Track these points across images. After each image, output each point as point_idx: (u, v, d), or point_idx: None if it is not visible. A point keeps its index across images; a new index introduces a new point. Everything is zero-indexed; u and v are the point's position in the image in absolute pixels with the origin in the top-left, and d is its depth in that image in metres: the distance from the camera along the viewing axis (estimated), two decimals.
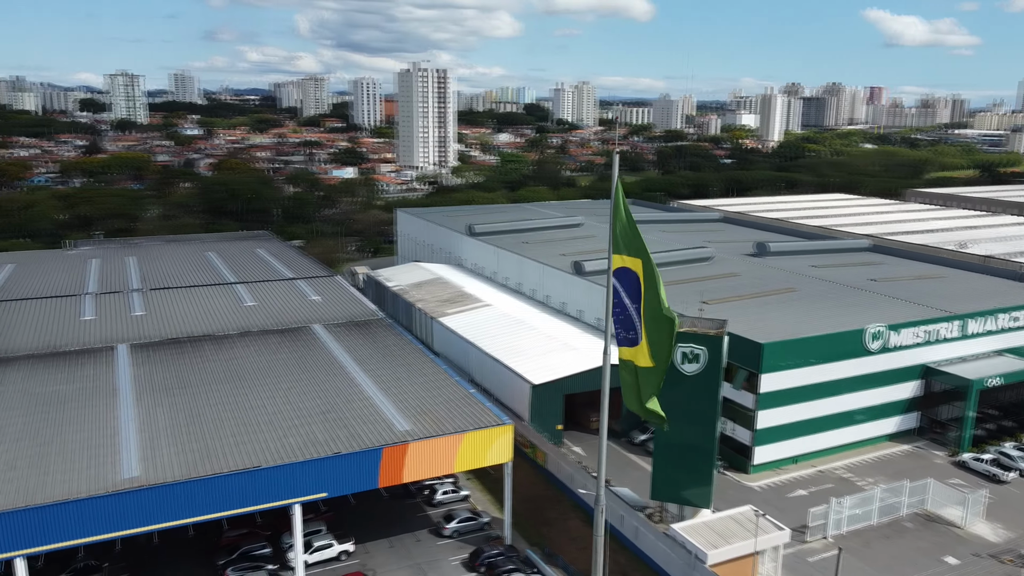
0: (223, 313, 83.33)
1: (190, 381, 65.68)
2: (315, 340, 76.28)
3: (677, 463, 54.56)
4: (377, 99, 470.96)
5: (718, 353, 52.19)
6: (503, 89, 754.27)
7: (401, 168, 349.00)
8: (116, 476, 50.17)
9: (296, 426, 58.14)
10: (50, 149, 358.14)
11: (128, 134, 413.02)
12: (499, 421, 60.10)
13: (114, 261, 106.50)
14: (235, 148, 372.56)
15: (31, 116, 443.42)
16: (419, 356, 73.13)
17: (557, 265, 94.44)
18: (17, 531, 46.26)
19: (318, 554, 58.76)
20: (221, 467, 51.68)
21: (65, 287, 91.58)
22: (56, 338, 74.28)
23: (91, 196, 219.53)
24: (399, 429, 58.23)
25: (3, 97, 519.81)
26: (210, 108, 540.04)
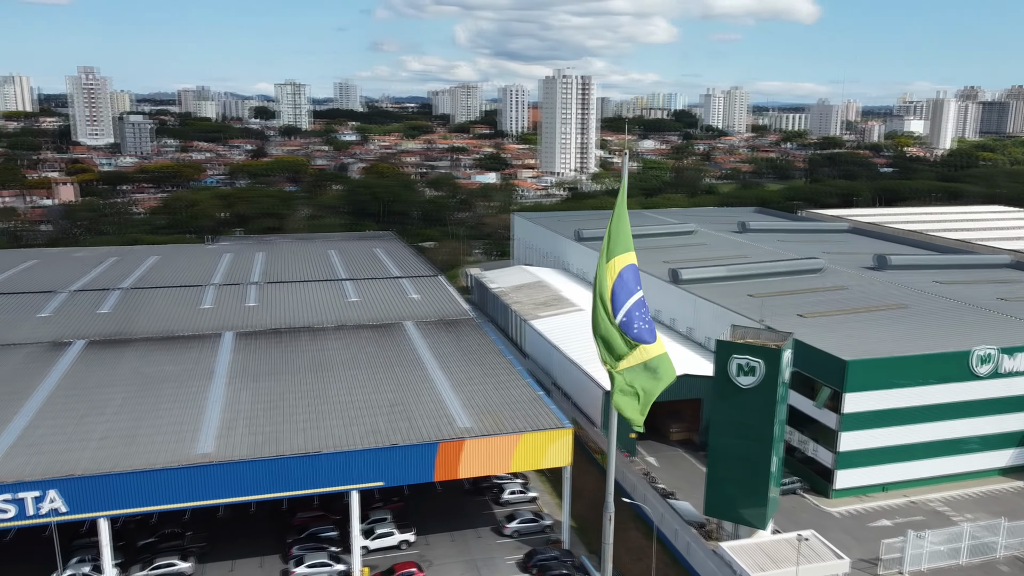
0: (326, 307, 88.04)
1: (279, 369, 70.04)
2: (403, 336, 79.14)
3: (731, 480, 52.52)
4: (524, 106, 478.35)
5: (776, 367, 49.81)
6: (653, 95, 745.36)
7: (541, 174, 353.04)
8: (191, 451, 54.49)
9: (363, 416, 60.76)
10: (223, 153, 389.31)
11: (292, 139, 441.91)
12: (559, 424, 60.16)
13: (244, 256, 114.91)
14: (386, 153, 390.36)
15: (211, 123, 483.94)
16: (497, 357, 74.25)
17: (654, 272, 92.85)
18: (101, 494, 51.30)
19: (379, 541, 61.11)
20: (284, 450, 54.95)
21: (195, 278, 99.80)
22: (174, 324, 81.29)
23: (247, 196, 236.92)
24: (459, 426, 59.55)
25: (189, 105, 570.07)
26: (369, 115, 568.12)
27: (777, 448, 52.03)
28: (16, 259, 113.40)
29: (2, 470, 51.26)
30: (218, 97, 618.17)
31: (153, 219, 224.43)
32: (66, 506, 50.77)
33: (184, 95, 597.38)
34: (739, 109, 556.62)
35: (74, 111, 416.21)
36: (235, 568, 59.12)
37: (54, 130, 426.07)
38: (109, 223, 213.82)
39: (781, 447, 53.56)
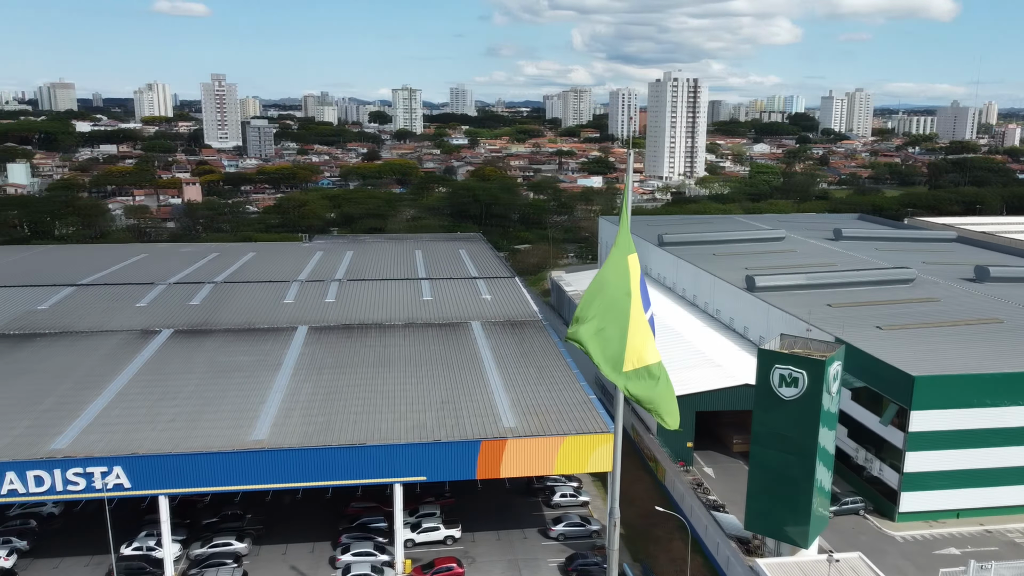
0: (399, 305, 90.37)
1: (343, 362, 72.52)
2: (467, 335, 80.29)
3: (772, 494, 50.55)
4: (634, 110, 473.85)
5: (819, 378, 47.62)
6: (771, 98, 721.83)
7: (646, 178, 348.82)
8: (246, 437, 57.32)
9: (413, 412, 62.13)
10: (339, 156, 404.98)
11: (404, 143, 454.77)
12: (604, 429, 59.61)
13: (334, 254, 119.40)
14: (493, 156, 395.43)
15: (330, 127, 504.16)
16: (556, 359, 74.21)
17: (728, 278, 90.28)
18: (160, 473, 54.78)
19: (425, 535, 62.31)
20: (333, 440, 56.95)
21: (284, 275, 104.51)
22: (255, 316, 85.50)
23: (354, 197, 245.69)
24: (504, 425, 59.98)
25: (311, 110, 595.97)
26: (480, 119, 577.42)
27: (822, 464, 49.69)
28: (130, 253, 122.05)
29: (77, 446, 55.55)
30: (339, 102, 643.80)
31: (266, 218, 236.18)
32: (129, 482, 54.47)
33: (308, 100, 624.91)
34: (860, 112, 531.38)
35: (205, 116, 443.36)
36: (288, 552, 61.73)
37: (187, 134, 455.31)
38: (226, 221, 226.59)
39: (830, 463, 51.12)
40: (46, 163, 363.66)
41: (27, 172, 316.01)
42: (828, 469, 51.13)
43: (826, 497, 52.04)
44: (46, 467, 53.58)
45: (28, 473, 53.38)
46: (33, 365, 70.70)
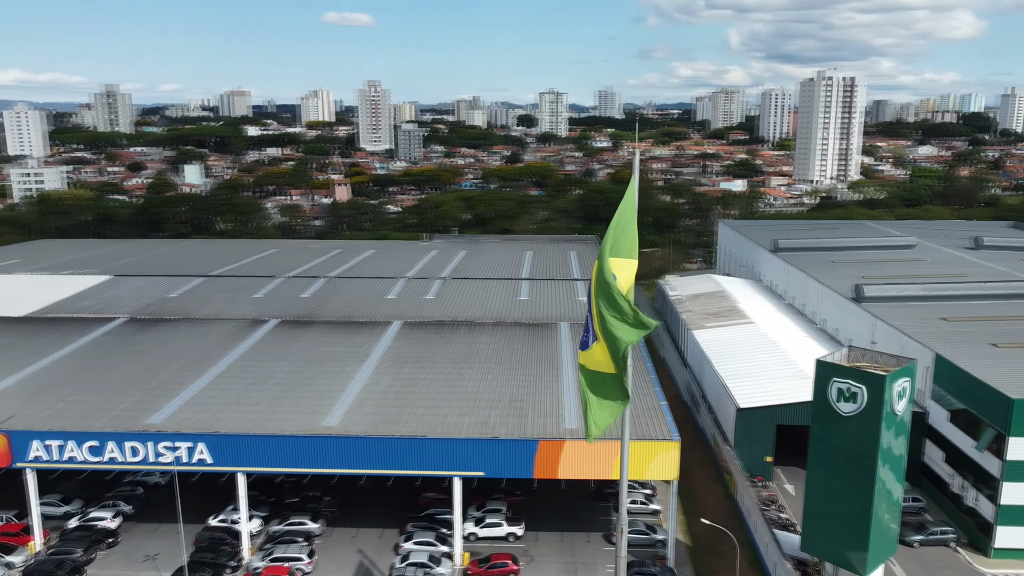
0: (494, 304, 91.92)
1: (426, 357, 74.75)
2: (553, 336, 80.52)
3: (829, 516, 47.49)
4: (785, 111, 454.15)
5: (879, 395, 44.30)
6: (944, 97, 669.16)
7: (794, 181, 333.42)
8: (318, 423, 60.46)
9: (479, 408, 63.22)
10: (483, 159, 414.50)
11: (548, 146, 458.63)
12: (667, 436, 58.20)
13: (447, 253, 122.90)
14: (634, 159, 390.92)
15: (477, 130, 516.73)
16: (637, 364, 72.87)
17: (836, 287, 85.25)
18: (238, 451, 58.84)
19: (488, 530, 63.26)
20: (395, 431, 59.01)
21: (394, 271, 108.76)
22: (356, 310, 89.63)
23: (487, 199, 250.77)
24: (565, 426, 59.89)
25: (462, 114, 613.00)
26: (626, 122, 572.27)
27: (885, 487, 46.14)
28: (264, 247, 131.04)
29: (170, 422, 60.68)
30: (490, 106, 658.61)
31: (405, 218, 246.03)
32: (211, 458, 58.85)
33: (460, 105, 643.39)
34: None
35: (360, 121, 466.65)
36: (358, 535, 64.50)
37: (344, 137, 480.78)
38: (367, 220, 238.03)
39: (895, 487, 47.40)
40: (218, 164, 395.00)
41: (200, 172, 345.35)
42: (894, 493, 47.43)
43: (892, 523, 48.28)
44: (141, 439, 58.91)
45: (126, 444, 58.89)
46: (152, 347, 77.64)
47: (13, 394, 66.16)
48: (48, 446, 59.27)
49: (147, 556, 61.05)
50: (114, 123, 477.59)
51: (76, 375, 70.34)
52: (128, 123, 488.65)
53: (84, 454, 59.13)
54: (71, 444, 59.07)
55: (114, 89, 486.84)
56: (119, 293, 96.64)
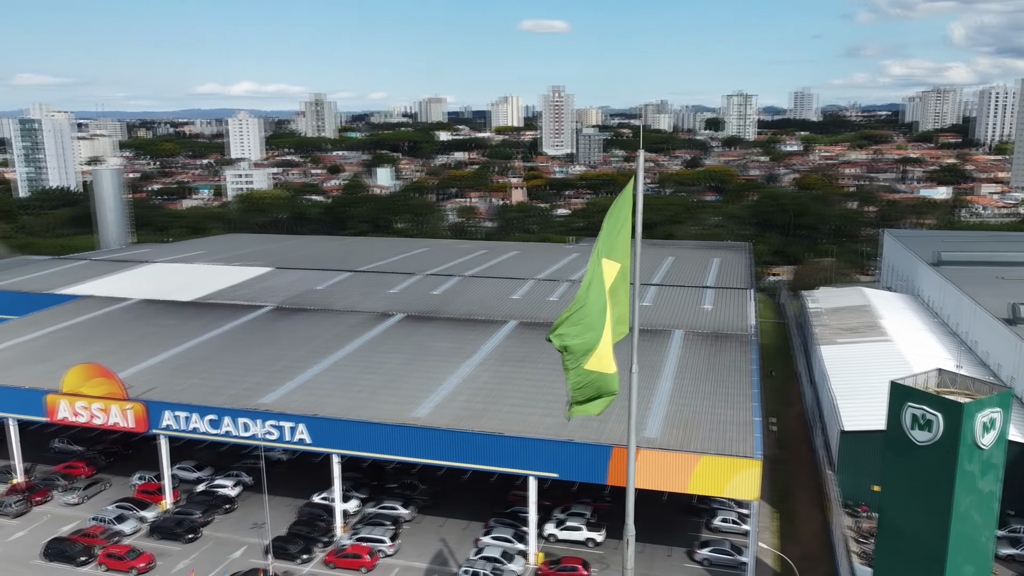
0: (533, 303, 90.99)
1: (528, 357, 75.73)
2: (663, 343, 78.71)
3: (902, 553, 43.21)
4: (1007, 111, 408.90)
5: (957, 424, 39.75)
6: None
7: (1010, 189, 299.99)
8: (407, 414, 63.25)
9: (562, 409, 63.19)
10: (663, 163, 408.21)
11: (732, 150, 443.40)
12: (749, 454, 55.40)
13: (586, 257, 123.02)
14: (826, 164, 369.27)
15: (660, 134, 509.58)
16: (741, 376, 69.80)
17: (988, 306, 76.57)
18: (332, 435, 62.92)
19: (567, 532, 63.27)
20: (475, 426, 60.55)
21: (527, 272, 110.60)
22: (479, 308, 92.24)
23: (654, 203, 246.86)
24: (644, 435, 58.65)
25: (649, 118, 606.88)
26: (822, 125, 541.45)
27: (966, 527, 41.25)
28: (415, 246, 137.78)
29: (279, 403, 65.98)
30: (678, 110, 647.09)
31: (571, 221, 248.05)
32: (310, 439, 63.42)
33: (647, 109, 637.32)
34: None
35: (543, 126, 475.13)
36: (445, 524, 66.77)
37: (528, 142, 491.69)
38: (534, 223, 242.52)
39: (980, 527, 42.27)
40: (408, 167, 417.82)
41: (391, 175, 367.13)
42: (980, 535, 42.31)
43: (979, 566, 43.08)
44: (252, 416, 64.57)
45: (239, 419, 64.80)
46: (286, 334, 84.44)
47: (159, 369, 74.67)
48: (177, 416, 66.51)
49: (255, 524, 66.66)
50: (320, 129, 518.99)
51: (214, 355, 78.10)
52: (333, 129, 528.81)
53: (205, 426, 65.75)
54: (195, 416, 65.92)
55: (321, 98, 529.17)
56: (274, 284, 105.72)
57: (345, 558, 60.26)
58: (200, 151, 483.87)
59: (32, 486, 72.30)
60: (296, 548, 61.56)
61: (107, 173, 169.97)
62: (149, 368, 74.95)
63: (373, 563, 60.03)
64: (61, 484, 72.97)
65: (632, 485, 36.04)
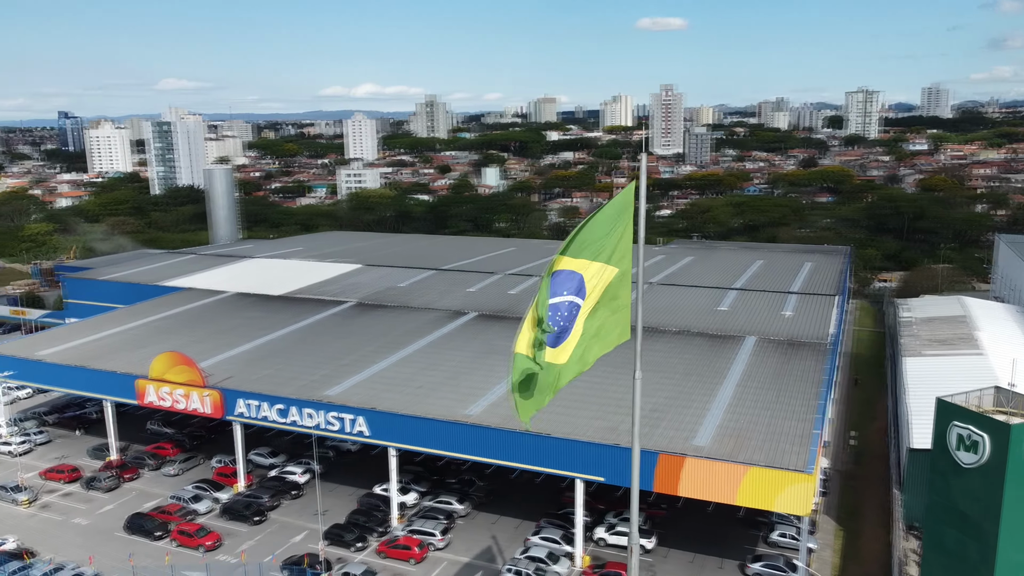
0: (686, 312, 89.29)
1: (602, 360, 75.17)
2: (733, 349, 76.56)
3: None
4: None
5: (1004, 446, 36.93)
6: None
7: None
8: (460, 411, 64.29)
9: (616, 413, 62.73)
10: (777, 163, 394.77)
11: (853, 149, 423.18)
12: (800, 467, 53.25)
13: (670, 259, 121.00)
14: (954, 164, 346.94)
15: (776, 133, 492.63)
16: (809, 386, 66.99)
17: None
18: (389, 428, 64.77)
19: (616, 537, 62.75)
20: (523, 425, 60.82)
21: None
22: (514, 305, 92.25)
23: (759, 205, 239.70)
24: (693, 443, 57.43)
25: (765, 117, 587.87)
26: (955, 122, 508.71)
27: (1016, 554, 38.22)
28: (502, 246, 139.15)
29: (342, 395, 68.47)
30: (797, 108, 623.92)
31: (672, 222, 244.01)
32: (368, 431, 65.53)
33: (763, 107, 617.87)
34: None
35: (653, 125, 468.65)
36: (498, 522, 67.51)
37: (637, 142, 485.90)
38: None
39: None
40: (516, 167, 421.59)
41: (498, 175, 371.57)
42: None
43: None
44: (315, 407, 67.32)
45: (304, 410, 67.69)
46: (361, 329, 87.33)
47: (240, 359, 78.87)
48: (249, 404, 70.15)
49: (318, 511, 69.46)
50: (432, 129, 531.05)
51: (291, 348, 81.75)
52: (445, 129, 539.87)
53: (273, 415, 69.05)
54: (264, 405, 69.34)
55: (433, 99, 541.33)
56: (360, 280, 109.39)
57: (395, 549, 61.96)
58: (319, 151, 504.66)
59: (123, 463, 77.97)
60: (351, 536, 63.78)
61: (219, 172, 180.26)
62: (231, 358, 79.28)
63: (422, 555, 61.45)
64: (149, 463, 78.34)
65: (636, 492, 35.51)
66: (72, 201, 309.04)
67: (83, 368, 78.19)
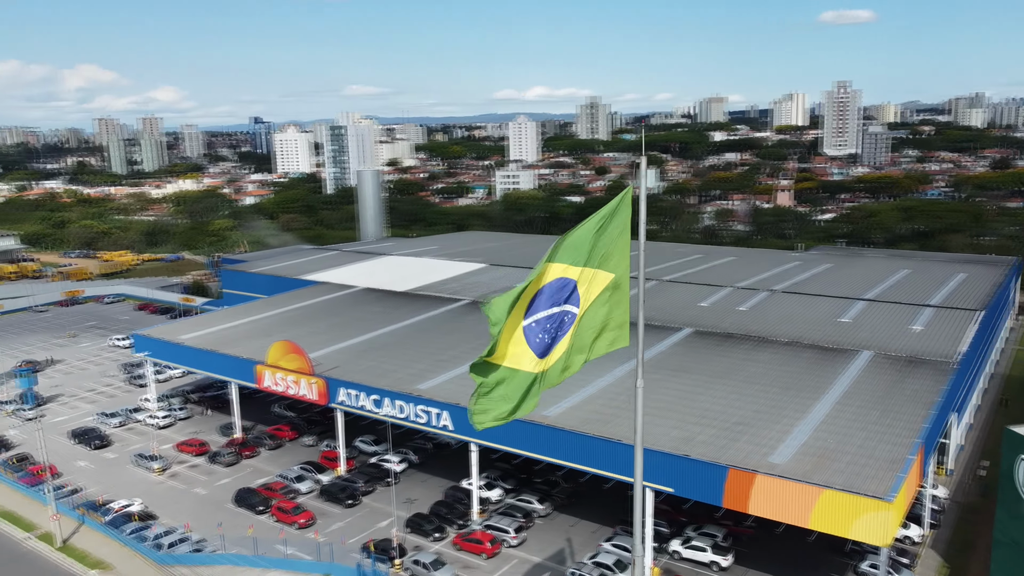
0: (804, 322, 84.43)
1: (686, 367, 73.10)
2: (841, 363, 71.72)
3: None
4: None
5: None
6: None
7: None
8: (540, 412, 64.46)
9: (697, 424, 60.77)
10: (965, 164, 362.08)
11: None
12: (880, 495, 49.23)
13: (805, 266, 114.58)
14: None
15: (966, 132, 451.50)
16: (919, 409, 61.50)
17: None
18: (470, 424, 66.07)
19: (691, 552, 60.77)
20: (596, 430, 60.32)
21: (730, 279, 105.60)
22: (658, 313, 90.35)
23: (932, 210, 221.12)
24: (770, 459, 54.58)
25: (958, 114, 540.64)
26: None
27: None
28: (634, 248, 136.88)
29: (432, 390, 70.72)
30: (999, 103, 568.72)
31: (833, 227, 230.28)
32: (452, 425, 67.37)
33: (957, 103, 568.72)
34: None
35: (825, 124, 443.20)
36: (576, 525, 67.34)
37: (809, 142, 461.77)
38: (789, 227, 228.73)
39: None
40: (675, 169, 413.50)
41: (655, 177, 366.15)
42: None
43: None
44: (406, 400, 70.06)
45: (396, 401, 70.63)
46: (467, 327, 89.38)
47: (350, 350, 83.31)
48: (349, 393, 74.09)
49: (408, 499, 72.20)
50: (593, 131, 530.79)
51: (398, 342, 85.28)
52: (606, 131, 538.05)
53: (369, 404, 72.53)
54: (361, 395, 72.98)
55: (596, 100, 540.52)
56: (480, 280, 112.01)
57: (469, 542, 63.33)
58: (484, 153, 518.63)
59: (245, 441, 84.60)
60: (430, 526, 65.89)
61: (368, 174, 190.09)
62: (342, 349, 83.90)
63: (493, 551, 62.42)
64: (267, 443, 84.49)
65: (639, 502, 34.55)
66: (255, 199, 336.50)
67: (213, 352, 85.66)
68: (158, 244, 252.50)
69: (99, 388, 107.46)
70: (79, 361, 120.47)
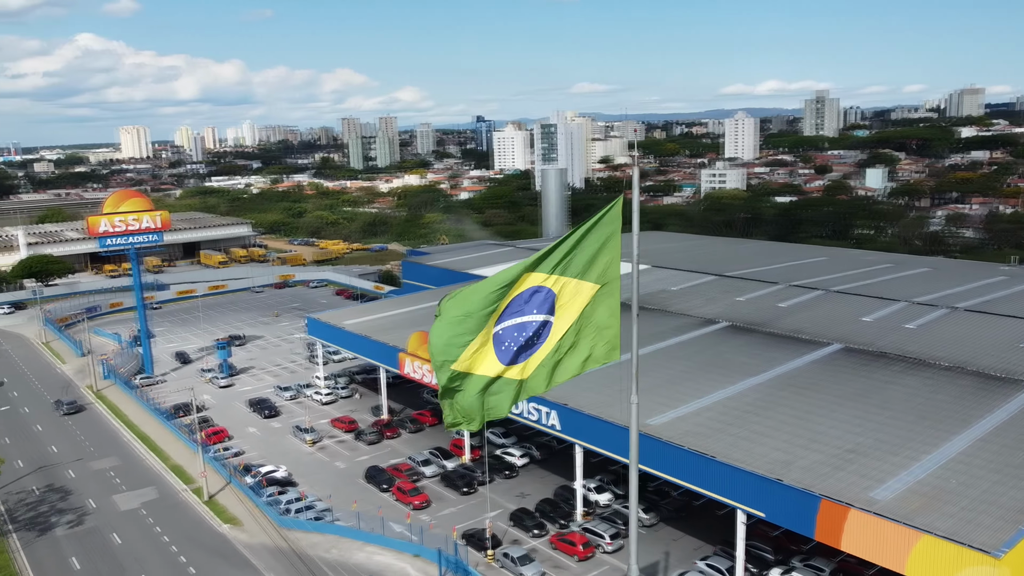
0: (976, 346, 74.97)
1: (817, 386, 67.82)
2: (1003, 395, 63.08)
3: None
4: None
5: None
6: None
7: None
8: (645, 419, 63.21)
9: (805, 447, 56.74)
10: None
11: None
12: (987, 548, 43.30)
13: (1010, 283, 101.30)
14: None
15: None
16: None
17: None
18: (576, 426, 66.40)
19: None
20: (693, 444, 58.15)
21: (913, 294, 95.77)
22: (811, 325, 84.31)
23: None
24: (871, 494, 49.77)
25: None
26: None
27: None
28: (819, 254, 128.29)
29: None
30: None
31: None
32: (560, 426, 67.94)
33: None
34: None
35: None
36: (680, 539, 65.52)
37: None
38: None
39: None
40: (909, 168, 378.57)
41: (883, 177, 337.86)
42: None
43: None
44: None
45: None
46: None
47: None
48: None
49: (521, 493, 73.74)
50: (819, 127, 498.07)
51: None
52: (834, 127, 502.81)
53: None
54: None
55: (824, 95, 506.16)
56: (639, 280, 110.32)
57: (563, 542, 63.69)
58: (699, 151, 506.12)
59: (389, 423, 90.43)
60: (531, 522, 66.95)
61: (552, 172, 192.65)
62: None
63: (585, 554, 62.28)
64: (409, 426, 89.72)
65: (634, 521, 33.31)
66: (469, 195, 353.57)
67: (367, 338, 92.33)
68: (377, 235, 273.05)
69: (284, 363, 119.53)
70: (275, 338, 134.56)
